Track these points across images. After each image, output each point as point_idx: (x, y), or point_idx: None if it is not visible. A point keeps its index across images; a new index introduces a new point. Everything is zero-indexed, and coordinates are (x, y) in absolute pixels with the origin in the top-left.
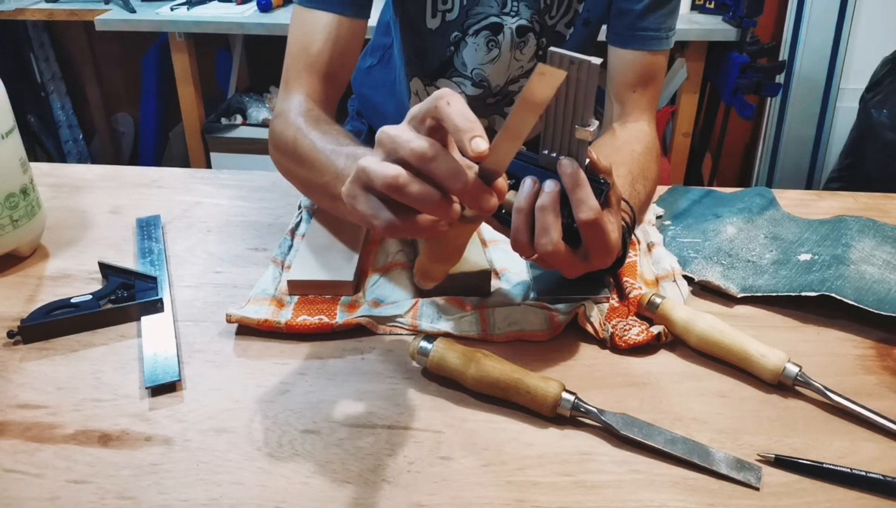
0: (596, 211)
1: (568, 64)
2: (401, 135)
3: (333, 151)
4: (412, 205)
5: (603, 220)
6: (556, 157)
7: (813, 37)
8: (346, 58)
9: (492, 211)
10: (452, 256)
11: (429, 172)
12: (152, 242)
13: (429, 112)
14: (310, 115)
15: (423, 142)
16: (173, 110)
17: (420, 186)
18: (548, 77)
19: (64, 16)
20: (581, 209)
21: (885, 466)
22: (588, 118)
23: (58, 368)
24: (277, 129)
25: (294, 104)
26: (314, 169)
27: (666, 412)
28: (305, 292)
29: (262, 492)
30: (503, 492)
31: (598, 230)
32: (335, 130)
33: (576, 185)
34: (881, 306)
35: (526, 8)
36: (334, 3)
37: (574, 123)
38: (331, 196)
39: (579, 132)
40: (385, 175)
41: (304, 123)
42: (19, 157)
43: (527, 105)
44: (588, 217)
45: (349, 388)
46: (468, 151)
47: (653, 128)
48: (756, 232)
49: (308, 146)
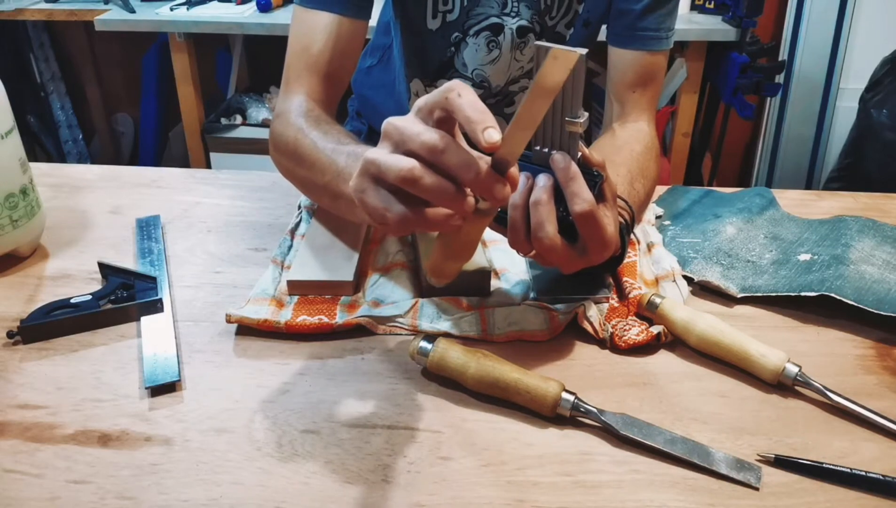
0: (590, 203)
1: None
2: (410, 127)
3: (334, 151)
4: (427, 197)
5: (598, 212)
6: (549, 152)
7: (812, 37)
8: (347, 58)
9: (506, 201)
10: (465, 251)
11: (441, 165)
12: (152, 242)
13: (437, 104)
14: (310, 115)
15: (433, 134)
16: (173, 110)
17: (435, 178)
18: (561, 61)
19: (64, 16)
20: (575, 202)
21: (885, 466)
22: (577, 110)
23: (58, 368)
24: (278, 129)
25: (294, 105)
26: (315, 169)
27: (666, 412)
28: (305, 292)
29: (262, 492)
30: (503, 492)
31: (594, 223)
32: (336, 130)
33: (569, 178)
34: (881, 306)
35: (526, 8)
36: (335, 4)
37: (564, 115)
38: (332, 195)
39: (570, 125)
40: (400, 167)
41: (304, 123)
42: (19, 157)
43: (540, 91)
44: (583, 209)
45: (349, 388)
46: (481, 142)
47: (652, 128)
48: (756, 232)
49: (309, 146)
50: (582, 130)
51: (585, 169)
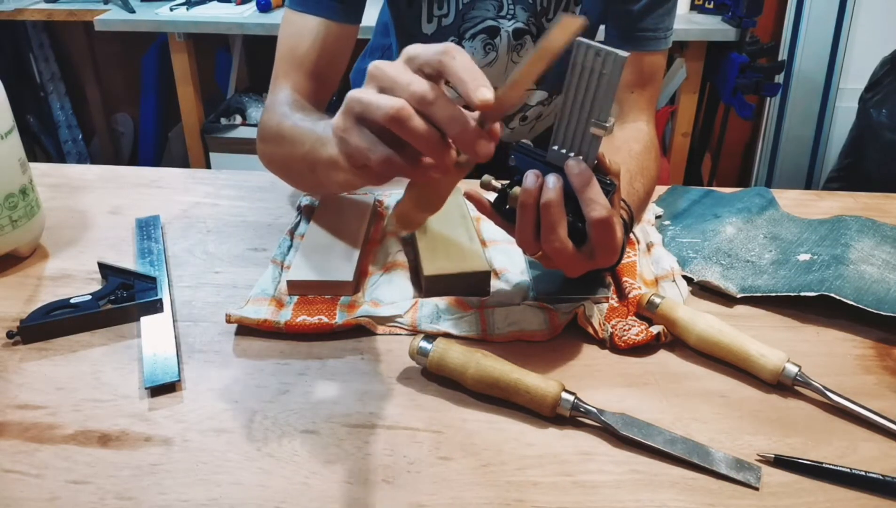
0: (608, 210)
1: (593, 55)
2: (400, 75)
3: (315, 123)
4: (412, 141)
5: (613, 219)
6: (566, 154)
7: (812, 37)
8: (335, 60)
9: (488, 157)
10: (437, 202)
11: (429, 115)
12: (152, 242)
13: (430, 63)
14: (295, 103)
15: (424, 84)
16: (173, 110)
17: (423, 122)
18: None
19: (63, 16)
20: (593, 208)
21: (885, 466)
22: (605, 114)
23: (57, 368)
24: (263, 121)
25: (280, 97)
26: (295, 143)
27: (666, 412)
28: (305, 292)
29: (262, 492)
30: (503, 492)
31: (609, 230)
32: (319, 115)
33: (585, 184)
34: (880, 305)
35: (522, 11)
36: (323, 8)
37: (591, 118)
38: (310, 165)
39: (595, 128)
40: (390, 105)
41: (288, 109)
42: (18, 157)
43: (544, 53)
44: (600, 215)
45: (349, 388)
46: (473, 101)
47: (652, 127)
48: (755, 232)
49: (289, 126)
50: (607, 135)
51: (599, 176)
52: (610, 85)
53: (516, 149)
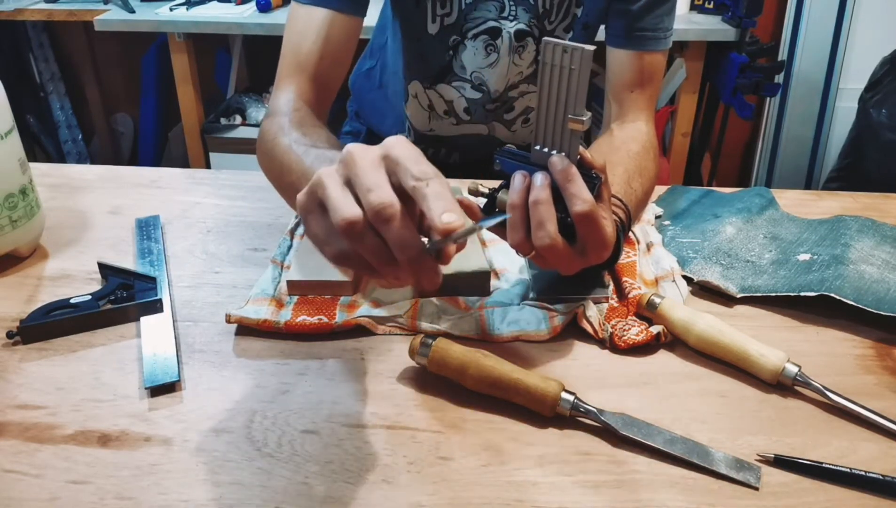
0: (590, 203)
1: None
2: (367, 175)
3: (305, 151)
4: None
5: (597, 213)
6: (549, 152)
7: (812, 37)
8: (338, 59)
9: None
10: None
11: (381, 232)
12: (151, 242)
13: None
14: (296, 115)
15: (383, 196)
16: (173, 110)
17: (375, 241)
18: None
19: (63, 16)
20: (575, 203)
21: (885, 466)
22: (581, 108)
23: (57, 368)
24: (264, 127)
25: (283, 102)
26: (283, 169)
27: (665, 412)
28: (305, 292)
29: (262, 492)
30: (503, 492)
31: (593, 223)
32: (317, 133)
33: (567, 179)
34: (880, 305)
35: (524, 12)
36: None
37: (567, 113)
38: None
39: (572, 123)
40: (342, 215)
41: (287, 123)
42: (18, 157)
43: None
44: (583, 209)
45: (349, 388)
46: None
47: (651, 127)
48: (755, 232)
49: (283, 149)
50: (584, 128)
51: (584, 171)
52: (581, 79)
53: (500, 153)
